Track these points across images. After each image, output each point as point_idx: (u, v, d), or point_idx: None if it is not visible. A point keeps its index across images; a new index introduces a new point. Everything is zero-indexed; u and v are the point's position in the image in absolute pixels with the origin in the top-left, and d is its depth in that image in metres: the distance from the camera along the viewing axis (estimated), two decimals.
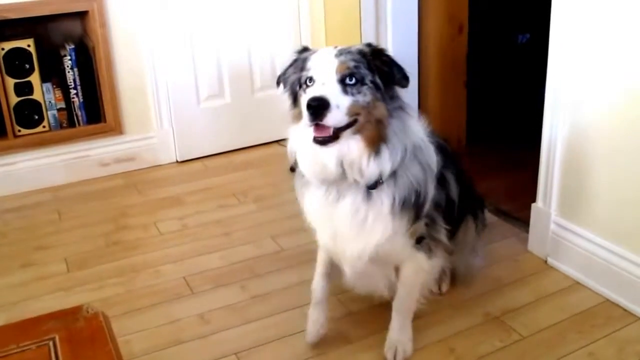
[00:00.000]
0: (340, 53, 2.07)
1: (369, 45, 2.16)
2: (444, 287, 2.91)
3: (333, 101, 1.97)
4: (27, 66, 4.01)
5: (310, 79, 2.06)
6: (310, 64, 2.09)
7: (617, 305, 2.73)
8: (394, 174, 2.15)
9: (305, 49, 2.22)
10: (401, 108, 2.15)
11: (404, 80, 2.13)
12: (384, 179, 2.14)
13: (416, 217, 2.25)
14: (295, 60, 2.22)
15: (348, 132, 2.05)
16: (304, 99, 2.02)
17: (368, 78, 2.06)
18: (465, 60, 4.19)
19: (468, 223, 2.76)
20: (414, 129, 2.21)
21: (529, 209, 3.14)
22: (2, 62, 3.94)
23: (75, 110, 4.22)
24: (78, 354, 1.31)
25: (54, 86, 4.15)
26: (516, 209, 3.48)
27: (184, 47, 4.34)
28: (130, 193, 4.07)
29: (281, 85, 2.26)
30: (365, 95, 2.04)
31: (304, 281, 2.83)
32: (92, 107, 4.27)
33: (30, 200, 4.04)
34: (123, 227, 3.63)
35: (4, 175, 4.10)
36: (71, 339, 1.36)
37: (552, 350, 2.50)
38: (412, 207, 2.21)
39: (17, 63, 3.98)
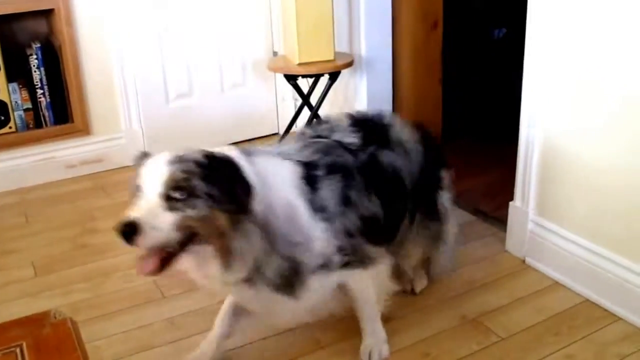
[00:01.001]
0: (172, 161, 1.91)
1: (209, 156, 1.97)
2: (418, 287, 2.88)
3: (147, 224, 1.85)
4: None
5: (139, 187, 1.93)
6: (142, 170, 1.95)
7: (597, 306, 2.72)
8: (258, 269, 2.07)
9: (144, 155, 2.03)
10: (247, 219, 1.97)
11: (245, 197, 1.95)
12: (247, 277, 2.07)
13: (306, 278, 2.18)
14: (135, 166, 2.02)
15: (194, 247, 1.96)
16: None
17: (202, 190, 1.90)
18: (440, 56, 4.18)
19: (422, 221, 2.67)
20: (268, 219, 2.03)
21: (507, 207, 3.13)
22: None
23: (42, 111, 4.16)
24: None
25: (20, 86, 4.09)
26: (494, 209, 3.47)
27: (152, 45, 4.29)
28: (98, 195, 4.01)
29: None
30: (199, 209, 1.89)
31: None
32: (60, 108, 4.21)
33: None
34: (91, 230, 3.57)
35: None
36: (38, 345, 1.32)
37: (531, 353, 2.49)
38: (300, 276, 2.14)
39: None
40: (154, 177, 1.90)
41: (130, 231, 1.82)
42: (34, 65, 4.07)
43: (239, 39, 4.52)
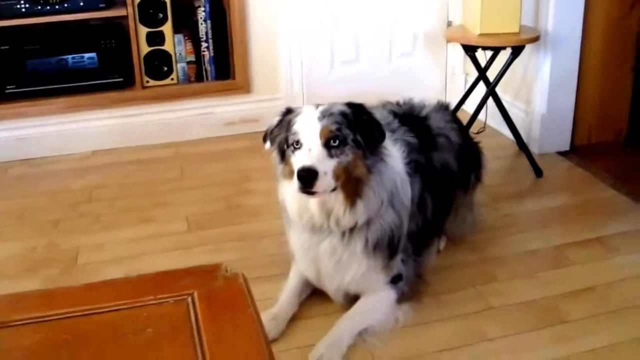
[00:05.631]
0: (322, 116, 2.31)
1: (349, 105, 2.40)
2: (442, 246, 3.05)
3: (321, 169, 2.23)
4: (161, 16, 4.07)
5: (298, 142, 2.30)
6: (296, 127, 2.32)
7: None
8: (368, 221, 2.43)
9: (289, 111, 2.44)
10: (382, 160, 2.41)
11: (381, 137, 2.39)
12: (358, 226, 2.42)
13: (391, 255, 2.53)
14: (280, 121, 2.44)
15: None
16: (294, 161, 2.31)
17: (350, 138, 2.31)
18: (635, 41, 3.93)
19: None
20: (392, 176, 2.46)
21: None
22: (136, 10, 4.00)
23: (204, 65, 4.25)
24: (217, 314, 1.27)
25: (186, 38, 4.19)
26: None
27: (321, 8, 4.29)
28: (254, 156, 4.05)
29: (268, 142, 2.49)
30: (347, 155, 2.30)
31: (441, 267, 2.87)
32: (222, 63, 4.29)
33: (153, 154, 4.11)
34: (246, 190, 3.62)
35: (129, 127, 4.19)
36: (210, 297, 1.32)
37: None
38: (386, 247, 2.49)
39: (151, 12, 4.03)
40: (313, 130, 2.28)
41: (308, 176, 2.21)
42: (200, 18, 4.15)
43: (411, 6, 4.45)
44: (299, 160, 2.27)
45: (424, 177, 2.65)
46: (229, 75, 4.32)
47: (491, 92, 3.68)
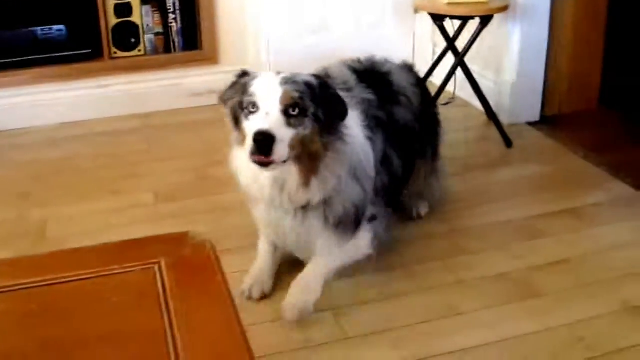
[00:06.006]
0: (285, 81, 2.18)
1: (316, 77, 2.30)
2: (423, 211, 3.06)
3: (278, 135, 2.10)
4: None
5: (254, 104, 2.17)
6: (253, 89, 2.19)
7: None
8: (326, 199, 2.34)
9: (244, 74, 2.34)
10: (340, 139, 2.29)
11: (342, 116, 2.28)
12: (313, 204, 2.33)
13: (357, 227, 2.47)
14: (234, 83, 2.34)
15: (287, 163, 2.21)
16: (248, 126, 2.18)
17: (310, 110, 2.18)
18: (606, 3, 3.94)
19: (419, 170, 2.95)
20: (352, 151, 2.35)
21: None
22: None
23: (172, 36, 4.21)
24: (185, 282, 1.27)
25: (153, 10, 4.15)
26: None
27: None
28: (222, 127, 4.01)
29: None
30: (306, 128, 2.18)
31: (408, 239, 2.91)
32: (189, 34, 4.26)
33: (121, 125, 4.08)
34: (214, 162, 3.57)
35: (97, 98, 4.16)
36: (177, 265, 1.31)
37: None
38: (352, 222, 2.43)
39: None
40: (273, 94, 2.15)
41: (265, 140, 2.08)
42: None
43: None
44: (254, 124, 2.15)
45: (386, 133, 2.58)
46: (197, 47, 4.29)
47: (460, 62, 3.69)
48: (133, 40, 4.14)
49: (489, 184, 3.37)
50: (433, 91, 3.74)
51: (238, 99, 2.26)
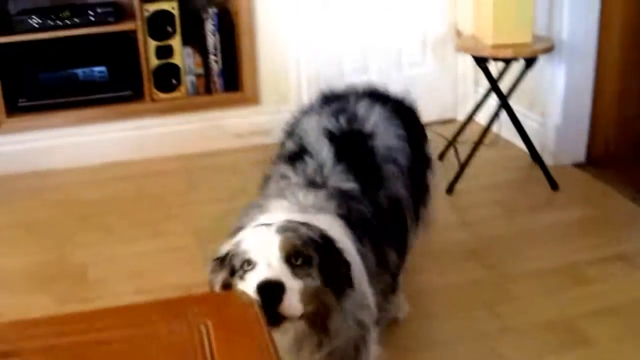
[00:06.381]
0: (283, 230, 1.81)
1: (322, 236, 1.88)
2: (402, 314, 2.67)
3: (287, 283, 1.72)
4: (170, 29, 4.07)
5: (249, 262, 1.79)
6: (245, 245, 1.82)
7: None
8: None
9: (225, 255, 1.92)
10: (349, 294, 1.89)
11: (348, 283, 1.88)
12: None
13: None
14: (220, 260, 1.93)
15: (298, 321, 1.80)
16: (247, 285, 1.75)
17: (315, 261, 1.80)
18: None
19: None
20: (360, 301, 1.95)
21: None
22: (145, 24, 4.01)
23: (213, 77, 4.23)
24: (233, 343, 1.24)
25: (194, 51, 4.17)
26: None
27: (329, 19, 4.28)
28: (263, 169, 4.03)
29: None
30: (314, 279, 1.79)
31: (452, 284, 2.82)
32: (230, 75, 4.28)
33: (162, 166, 4.10)
34: None
35: (138, 139, 4.18)
36: (224, 325, 1.28)
37: None
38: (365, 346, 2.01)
39: (160, 25, 4.02)
40: (270, 244, 1.78)
41: (273, 291, 1.69)
42: (209, 31, 4.15)
43: (419, 14, 4.43)
44: (254, 278, 1.74)
45: (374, 233, 2.16)
46: (238, 87, 4.31)
47: (504, 103, 3.65)
48: (174, 81, 4.17)
49: (534, 227, 3.32)
50: (477, 131, 3.73)
51: (227, 269, 1.88)
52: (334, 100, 2.57)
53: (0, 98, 4.04)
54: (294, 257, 1.77)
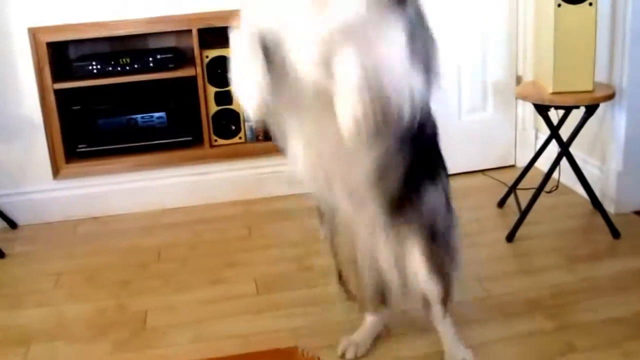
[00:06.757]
0: None
1: None
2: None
3: None
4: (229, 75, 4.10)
5: None
6: None
7: None
8: None
9: None
10: None
11: None
12: None
13: None
14: None
15: None
16: None
17: None
18: None
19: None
20: None
21: None
22: (205, 70, 4.06)
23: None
24: None
25: None
26: None
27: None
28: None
29: None
30: None
31: (514, 336, 2.76)
32: None
33: (221, 212, 4.14)
34: (316, 251, 3.59)
35: (197, 185, 4.23)
36: None
37: None
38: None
39: (219, 72, 4.07)
40: None
41: None
42: None
43: (479, 60, 4.44)
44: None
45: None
46: None
47: (565, 151, 3.62)
48: (233, 127, 4.21)
49: (596, 276, 3.26)
50: (536, 177, 3.71)
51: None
52: None
53: (59, 143, 4.12)
54: None
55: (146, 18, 3.98)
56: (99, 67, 4.04)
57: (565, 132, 3.62)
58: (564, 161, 3.69)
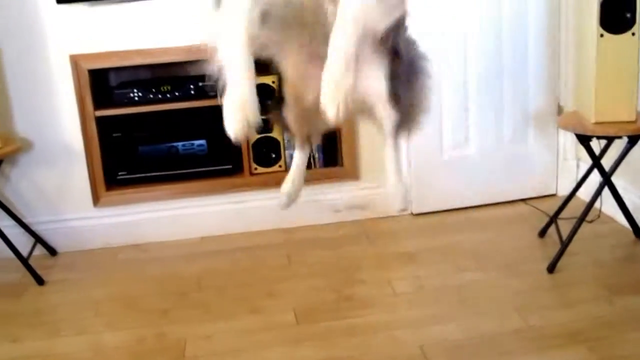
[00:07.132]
0: None
1: None
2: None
3: None
4: (269, 103, 4.13)
5: None
6: None
7: None
8: None
9: None
10: None
11: None
12: None
13: None
14: None
15: None
16: None
17: None
18: None
19: None
20: None
21: None
22: None
23: (313, 152, 4.28)
24: None
25: None
26: None
27: None
28: (362, 243, 4.05)
29: None
30: None
31: None
32: (330, 150, 4.34)
33: (261, 240, 4.16)
34: (355, 281, 3.60)
35: (237, 213, 4.26)
36: None
37: None
38: None
39: (260, 99, 4.08)
40: None
41: None
42: None
43: (521, 89, 4.42)
44: None
45: None
46: (337, 163, 4.36)
47: (606, 182, 3.59)
48: (273, 155, 4.24)
49: (639, 308, 3.23)
50: (577, 207, 3.69)
51: None
52: None
53: (100, 171, 4.18)
54: None
55: (187, 46, 4.03)
56: (140, 94, 4.09)
57: (606, 161, 3.61)
58: (606, 190, 3.67)
